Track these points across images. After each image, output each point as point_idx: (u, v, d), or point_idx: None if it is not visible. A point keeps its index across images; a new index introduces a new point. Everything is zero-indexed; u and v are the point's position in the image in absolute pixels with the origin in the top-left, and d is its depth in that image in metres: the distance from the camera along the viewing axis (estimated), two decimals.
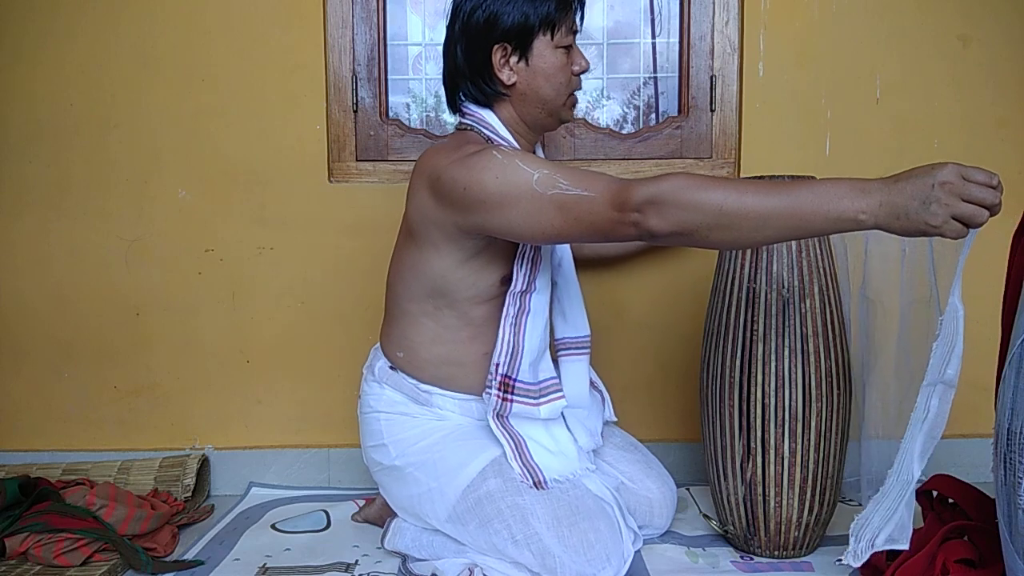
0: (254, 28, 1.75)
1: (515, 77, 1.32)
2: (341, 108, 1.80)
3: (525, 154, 1.21)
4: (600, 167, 1.82)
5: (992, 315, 1.25)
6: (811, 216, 0.99)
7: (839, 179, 1.01)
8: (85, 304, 1.80)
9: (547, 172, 1.15)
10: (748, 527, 1.37)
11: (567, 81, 1.34)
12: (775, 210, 1.00)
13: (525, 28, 1.28)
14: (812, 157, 1.78)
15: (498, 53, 1.30)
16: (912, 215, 0.97)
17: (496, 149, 1.21)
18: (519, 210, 1.17)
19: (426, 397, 1.38)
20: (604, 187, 1.11)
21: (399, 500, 1.40)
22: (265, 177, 1.77)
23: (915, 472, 1.12)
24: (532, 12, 1.28)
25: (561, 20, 1.30)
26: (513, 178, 1.17)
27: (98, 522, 1.43)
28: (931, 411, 1.13)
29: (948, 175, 0.96)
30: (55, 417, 1.82)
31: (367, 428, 1.43)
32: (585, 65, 1.36)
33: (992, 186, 0.98)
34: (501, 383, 1.32)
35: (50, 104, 1.76)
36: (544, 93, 1.33)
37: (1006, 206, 1.02)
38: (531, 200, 1.15)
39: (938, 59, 1.77)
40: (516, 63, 1.31)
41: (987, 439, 1.15)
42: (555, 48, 1.31)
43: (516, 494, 1.26)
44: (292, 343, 1.81)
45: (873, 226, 0.99)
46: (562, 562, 1.21)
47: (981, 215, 0.97)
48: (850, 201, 0.98)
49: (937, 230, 0.97)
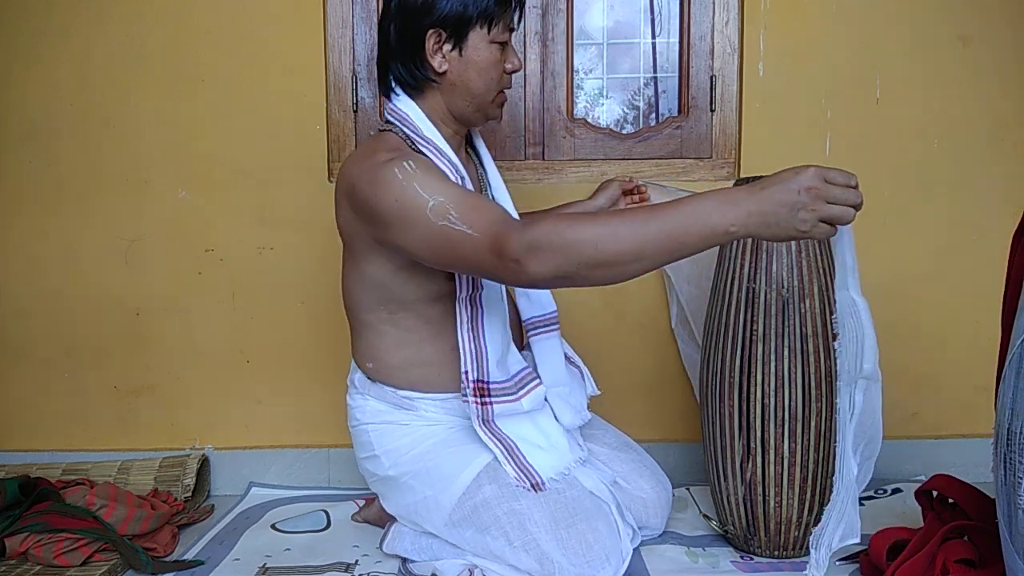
0: (254, 28, 1.75)
1: (447, 65, 1.30)
2: (341, 108, 1.80)
3: (427, 173, 1.18)
4: (600, 167, 1.82)
5: (992, 315, 1.25)
6: (685, 237, 1.01)
7: (708, 193, 1.02)
8: (85, 304, 1.80)
9: (442, 200, 1.14)
10: (748, 527, 1.37)
11: (498, 78, 1.33)
12: (649, 238, 1.01)
13: (463, 18, 1.27)
14: (812, 157, 1.77)
15: (432, 38, 1.28)
16: (782, 223, 0.98)
17: (399, 164, 1.18)
18: (416, 235, 1.17)
19: (408, 403, 1.37)
20: (487, 228, 1.10)
21: (396, 508, 1.39)
22: (265, 177, 1.77)
23: (852, 469, 1.12)
24: (471, 3, 1.26)
25: (499, 16, 1.28)
26: (410, 202, 1.16)
27: (98, 522, 1.43)
28: (856, 407, 1.13)
29: (811, 180, 0.97)
30: (55, 417, 1.82)
31: (358, 440, 1.43)
32: (517, 64, 1.35)
33: (852, 186, 0.99)
34: (475, 389, 1.29)
35: (49, 104, 1.76)
36: (474, 86, 1.31)
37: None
38: (425, 227, 1.15)
39: (938, 59, 1.77)
40: (450, 51, 1.29)
41: (987, 439, 1.15)
42: (490, 43, 1.29)
43: (512, 499, 1.26)
44: (292, 343, 1.80)
45: (745, 236, 1.00)
46: (561, 566, 1.21)
47: (847, 214, 0.98)
48: (719, 215, 0.99)
49: (807, 235, 0.99)
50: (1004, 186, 1.78)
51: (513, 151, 1.83)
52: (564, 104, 1.83)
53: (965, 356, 1.81)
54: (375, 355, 1.38)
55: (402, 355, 1.36)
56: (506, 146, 1.84)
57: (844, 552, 1.37)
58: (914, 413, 1.84)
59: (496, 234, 1.09)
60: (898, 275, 1.80)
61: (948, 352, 1.82)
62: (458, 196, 1.15)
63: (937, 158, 1.79)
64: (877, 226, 1.80)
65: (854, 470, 1.12)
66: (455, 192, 1.16)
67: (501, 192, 1.44)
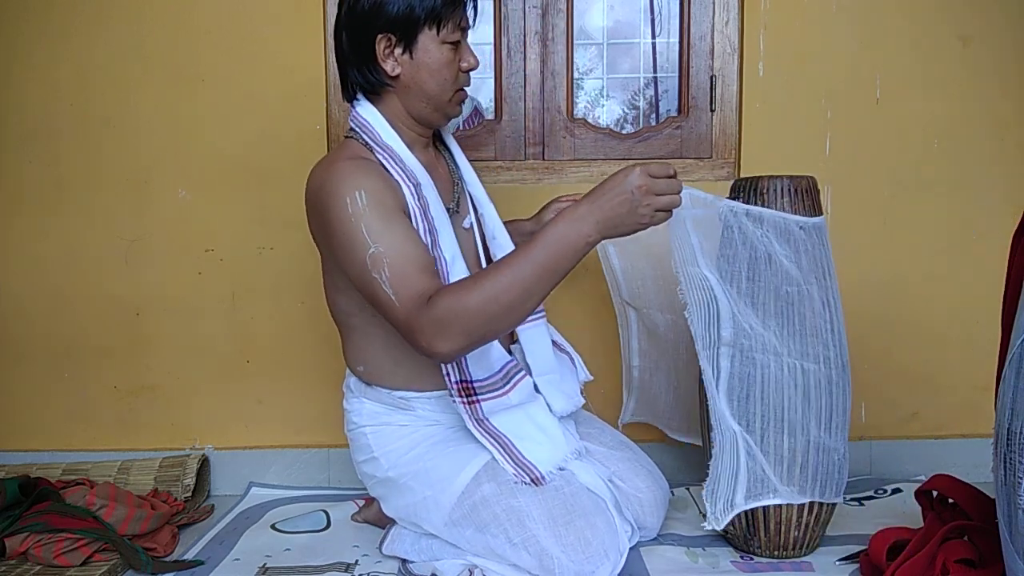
0: (254, 28, 1.75)
1: (399, 69, 1.30)
2: (341, 108, 1.80)
3: (375, 209, 1.19)
4: (600, 167, 1.82)
5: (992, 315, 1.25)
6: (557, 263, 1.12)
7: (559, 219, 1.13)
8: (85, 304, 1.80)
9: (381, 252, 1.17)
10: (748, 527, 1.37)
11: (453, 77, 1.32)
12: (529, 277, 1.12)
13: (409, 20, 1.26)
14: (812, 157, 1.78)
15: (382, 43, 1.28)
16: (627, 220, 1.13)
17: (351, 194, 1.19)
18: (352, 271, 1.22)
19: (404, 403, 1.37)
20: (407, 303, 1.15)
21: (396, 510, 1.39)
22: (265, 177, 1.77)
23: (732, 425, 1.26)
24: (418, 5, 1.25)
25: (448, 16, 1.27)
26: (354, 241, 1.19)
27: (98, 522, 1.43)
28: (722, 371, 1.27)
29: (638, 179, 1.11)
30: (55, 417, 1.82)
31: (356, 444, 1.43)
32: (473, 63, 1.33)
33: (671, 175, 1.15)
34: (460, 390, 1.29)
35: (49, 104, 1.76)
36: (428, 88, 1.31)
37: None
38: (361, 269, 1.19)
39: (938, 59, 1.77)
40: (400, 55, 1.29)
41: (987, 439, 1.15)
42: (441, 43, 1.28)
43: (510, 496, 1.26)
44: (292, 343, 1.81)
45: (601, 240, 1.14)
46: (560, 562, 1.21)
47: (675, 200, 1.15)
48: (575, 234, 1.12)
49: (649, 224, 1.15)
50: (1004, 186, 1.78)
51: (513, 151, 1.83)
52: (564, 104, 1.83)
53: (965, 356, 1.81)
54: (365, 357, 1.38)
55: (391, 355, 1.36)
56: (506, 146, 1.84)
57: (844, 552, 1.38)
58: (914, 413, 1.84)
59: (410, 313, 1.14)
60: (898, 275, 1.80)
61: (948, 352, 1.82)
62: (395, 252, 1.17)
63: (937, 158, 1.79)
64: (877, 226, 1.80)
65: (734, 426, 1.27)
66: (395, 245, 1.18)
67: (476, 187, 1.45)
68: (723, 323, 1.26)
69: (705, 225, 1.27)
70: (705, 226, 1.27)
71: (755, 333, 1.27)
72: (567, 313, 1.75)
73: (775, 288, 1.29)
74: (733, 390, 1.29)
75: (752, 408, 1.29)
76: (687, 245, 1.24)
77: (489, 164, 1.81)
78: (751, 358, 1.27)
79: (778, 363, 1.29)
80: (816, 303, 1.30)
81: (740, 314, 1.27)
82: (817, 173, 1.41)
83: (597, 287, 1.75)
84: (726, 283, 1.28)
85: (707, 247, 1.27)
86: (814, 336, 1.30)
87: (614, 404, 1.72)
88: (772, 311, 1.29)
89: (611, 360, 1.76)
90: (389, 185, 1.26)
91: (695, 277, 1.25)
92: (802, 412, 1.30)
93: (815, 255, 1.31)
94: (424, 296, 1.14)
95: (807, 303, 1.30)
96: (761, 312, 1.29)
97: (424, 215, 1.28)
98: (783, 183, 1.31)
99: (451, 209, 1.38)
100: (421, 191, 1.30)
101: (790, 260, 1.29)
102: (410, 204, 1.27)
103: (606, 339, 1.78)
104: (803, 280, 1.30)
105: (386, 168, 1.29)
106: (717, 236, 1.31)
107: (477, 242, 1.44)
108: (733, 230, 1.29)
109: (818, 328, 1.30)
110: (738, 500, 1.28)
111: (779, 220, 1.28)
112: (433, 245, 1.27)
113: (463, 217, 1.42)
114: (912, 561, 1.19)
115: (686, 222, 1.23)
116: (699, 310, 1.26)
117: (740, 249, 1.29)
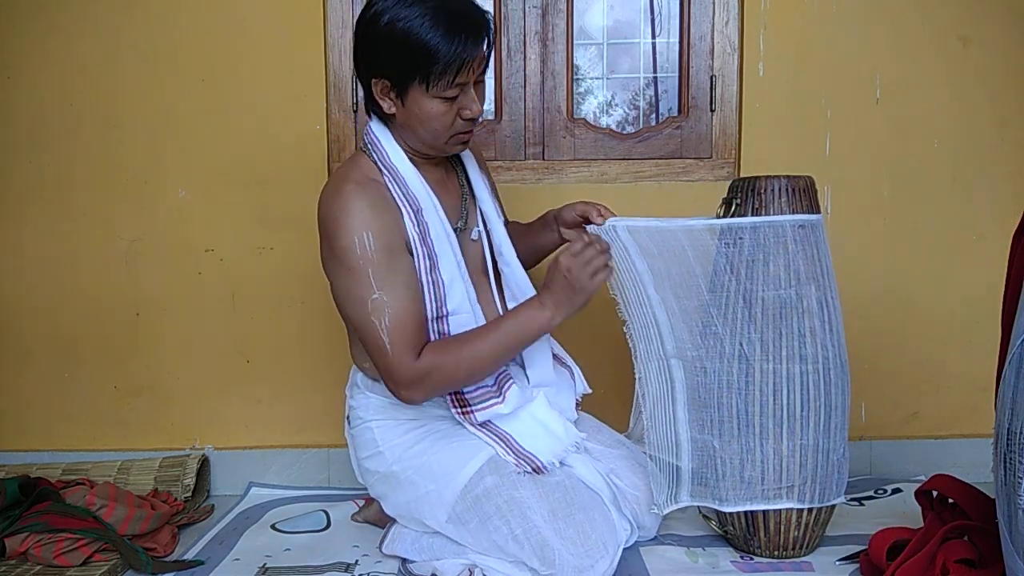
0: (254, 28, 1.75)
1: (393, 109, 1.31)
2: (341, 108, 1.80)
3: (381, 254, 1.25)
4: (600, 167, 1.82)
5: (992, 315, 1.25)
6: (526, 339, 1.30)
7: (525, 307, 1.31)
8: (85, 304, 1.80)
9: (384, 301, 1.25)
10: (748, 527, 1.37)
11: (447, 126, 1.30)
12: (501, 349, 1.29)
13: (400, 74, 1.26)
14: (812, 157, 1.78)
15: (377, 85, 1.30)
16: (575, 296, 1.27)
17: (359, 234, 1.24)
18: (351, 309, 1.29)
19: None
20: (399, 353, 1.25)
21: (397, 506, 1.40)
22: (265, 177, 1.77)
23: (680, 432, 1.36)
24: (409, 63, 1.24)
25: (440, 75, 1.23)
26: (358, 283, 1.26)
27: (98, 522, 1.43)
28: (676, 382, 1.37)
29: (567, 263, 1.26)
30: (56, 417, 1.82)
31: (360, 440, 1.43)
32: (475, 111, 1.30)
33: (590, 244, 1.27)
34: (454, 402, 1.34)
35: (51, 104, 1.76)
36: (420, 133, 1.32)
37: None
38: (361, 309, 1.26)
39: (938, 59, 1.77)
40: (395, 98, 1.30)
41: (987, 439, 1.15)
42: (432, 98, 1.26)
43: (512, 488, 1.28)
44: (292, 343, 1.81)
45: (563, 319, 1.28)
46: (561, 555, 1.22)
47: (601, 261, 1.27)
48: (542, 319, 1.28)
49: (597, 287, 1.27)
50: (1004, 186, 1.78)
51: (513, 151, 1.83)
52: (564, 104, 1.83)
53: (965, 356, 1.81)
54: None
55: None
56: (506, 146, 1.84)
57: (844, 552, 1.38)
58: (914, 413, 1.84)
59: (399, 363, 1.26)
60: (898, 275, 1.80)
61: (948, 352, 1.82)
62: (397, 304, 1.26)
63: (937, 158, 1.79)
64: (877, 226, 1.80)
65: (683, 433, 1.36)
66: (397, 295, 1.26)
67: (486, 203, 1.46)
68: (664, 338, 1.37)
69: (658, 247, 1.34)
70: (658, 248, 1.34)
71: (707, 343, 1.33)
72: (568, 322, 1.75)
73: (751, 295, 1.30)
74: (700, 397, 1.34)
75: (710, 414, 1.33)
76: (636, 272, 1.35)
77: (489, 164, 1.81)
78: (702, 368, 1.33)
79: (745, 369, 1.30)
80: (813, 304, 1.30)
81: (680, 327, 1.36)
82: (817, 173, 1.40)
83: (598, 294, 1.75)
84: (681, 298, 1.35)
85: (657, 266, 1.34)
86: (811, 337, 1.30)
87: (613, 406, 1.71)
88: (743, 317, 1.31)
89: (610, 364, 1.76)
90: (394, 220, 1.30)
91: (638, 297, 1.36)
92: (799, 415, 1.30)
93: (813, 255, 1.31)
94: (414, 350, 1.26)
95: (797, 306, 1.30)
96: (741, 320, 1.31)
97: (423, 240, 1.31)
98: (781, 183, 1.31)
99: (458, 228, 1.39)
100: (421, 217, 1.32)
101: (779, 265, 1.29)
102: (410, 232, 1.31)
103: (607, 346, 1.77)
104: (794, 283, 1.30)
105: (389, 190, 1.32)
106: (670, 255, 1.34)
107: (486, 253, 1.45)
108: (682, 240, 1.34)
109: (815, 329, 1.30)
110: (683, 496, 1.37)
111: (758, 225, 1.29)
112: (432, 268, 1.31)
113: (471, 230, 1.44)
114: (912, 561, 1.19)
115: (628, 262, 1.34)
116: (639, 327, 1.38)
117: (693, 263, 1.33)
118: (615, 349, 1.78)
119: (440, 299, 1.31)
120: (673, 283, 1.35)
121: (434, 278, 1.31)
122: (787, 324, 1.30)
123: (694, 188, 1.80)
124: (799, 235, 1.30)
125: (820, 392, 1.31)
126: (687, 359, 1.36)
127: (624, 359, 1.80)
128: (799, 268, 1.30)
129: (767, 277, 1.30)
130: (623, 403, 1.68)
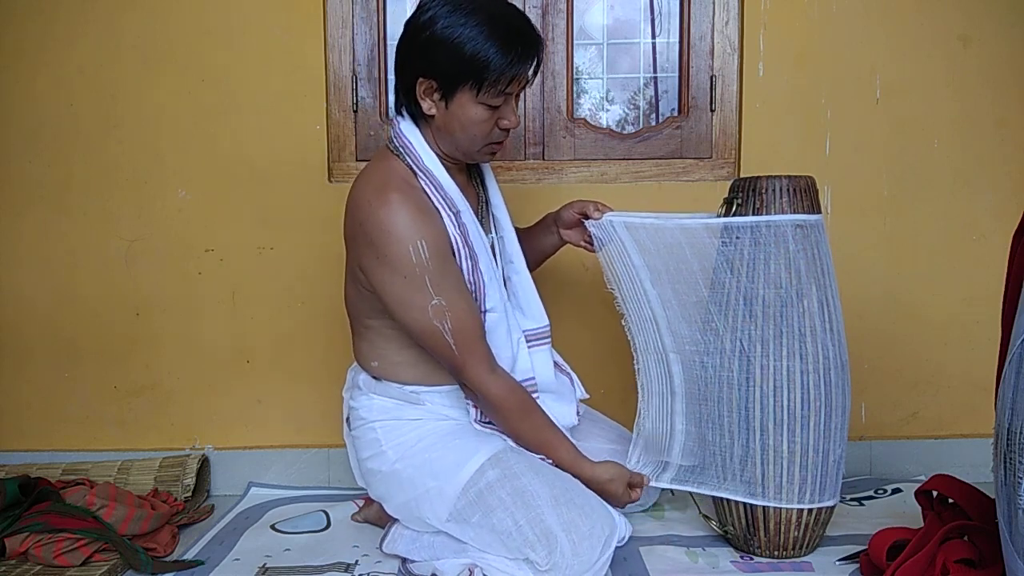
0: (254, 28, 1.75)
1: (434, 110, 1.32)
2: (341, 108, 1.80)
3: (435, 260, 1.27)
4: (600, 167, 1.82)
5: (992, 315, 1.25)
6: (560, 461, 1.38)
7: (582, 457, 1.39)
8: (85, 304, 1.80)
9: (444, 305, 1.28)
10: (748, 527, 1.37)
11: (485, 133, 1.33)
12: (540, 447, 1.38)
13: (452, 75, 1.27)
14: (812, 157, 1.78)
15: (423, 84, 1.30)
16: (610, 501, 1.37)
17: (414, 242, 1.26)
18: (407, 316, 1.31)
19: (416, 397, 1.40)
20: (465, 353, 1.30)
21: (399, 506, 1.40)
22: (265, 177, 1.77)
23: (676, 424, 1.40)
24: (465, 66, 1.25)
25: (492, 83, 1.26)
26: (416, 291, 1.28)
27: (98, 522, 1.43)
28: (675, 377, 1.40)
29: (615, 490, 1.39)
30: (56, 417, 1.82)
31: (362, 440, 1.44)
32: (514, 123, 1.33)
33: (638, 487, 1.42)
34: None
35: (51, 104, 1.76)
36: (458, 137, 1.33)
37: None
38: (420, 315, 1.29)
39: (938, 59, 1.77)
40: (438, 100, 1.31)
41: (987, 439, 1.15)
42: (478, 103, 1.29)
43: (514, 478, 1.30)
44: (292, 343, 1.81)
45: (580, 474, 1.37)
46: (562, 545, 1.23)
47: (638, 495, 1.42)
48: (581, 471, 1.37)
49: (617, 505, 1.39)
50: (1004, 186, 1.78)
51: (513, 151, 1.83)
52: (564, 104, 1.83)
53: (965, 356, 1.81)
54: (380, 354, 1.41)
55: (406, 354, 1.40)
56: (506, 146, 1.83)
57: (844, 552, 1.38)
58: (914, 413, 1.84)
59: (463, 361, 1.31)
60: (898, 275, 1.80)
61: (948, 352, 1.82)
62: (456, 304, 1.30)
63: (937, 158, 1.79)
64: (877, 226, 1.80)
65: (679, 425, 1.40)
66: (454, 299, 1.30)
67: (500, 210, 1.48)
68: (664, 336, 1.39)
69: (655, 244, 1.37)
70: (655, 245, 1.37)
71: (706, 339, 1.34)
72: (568, 325, 1.75)
73: (751, 294, 1.30)
74: (699, 392, 1.36)
75: (708, 410, 1.35)
76: (630, 265, 1.38)
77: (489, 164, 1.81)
78: (701, 364, 1.34)
79: (746, 366, 1.30)
80: (814, 304, 1.30)
81: (678, 322, 1.37)
82: (817, 173, 1.41)
83: (597, 292, 1.75)
84: (680, 294, 1.36)
85: (655, 263, 1.37)
86: (811, 337, 1.30)
87: (613, 402, 1.71)
88: (743, 316, 1.31)
89: (610, 364, 1.76)
90: (441, 226, 1.31)
91: (636, 294, 1.39)
92: (799, 414, 1.30)
93: (813, 255, 1.31)
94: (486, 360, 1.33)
95: (797, 306, 1.30)
96: (741, 319, 1.31)
97: (465, 241, 1.34)
98: (781, 183, 1.31)
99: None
100: (461, 218, 1.34)
101: (781, 266, 1.29)
102: (452, 234, 1.33)
103: (607, 347, 1.78)
104: (795, 283, 1.30)
105: (428, 195, 1.33)
106: (667, 252, 1.36)
107: (498, 259, 1.47)
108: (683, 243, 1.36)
109: (815, 328, 1.30)
110: (666, 477, 1.42)
111: (757, 224, 1.29)
112: (473, 268, 1.35)
113: (488, 236, 1.46)
114: (912, 561, 1.19)
115: (625, 244, 1.38)
116: (638, 322, 1.41)
117: (691, 260, 1.35)
118: (615, 350, 1.79)
119: (481, 298, 1.35)
120: (672, 279, 1.36)
121: (476, 278, 1.35)
122: (787, 324, 1.30)
123: (694, 188, 1.80)
124: (799, 235, 1.30)
125: (820, 392, 1.31)
126: (685, 354, 1.37)
127: (625, 360, 1.80)
128: (799, 268, 1.30)
129: (767, 277, 1.30)
130: (623, 403, 1.69)
